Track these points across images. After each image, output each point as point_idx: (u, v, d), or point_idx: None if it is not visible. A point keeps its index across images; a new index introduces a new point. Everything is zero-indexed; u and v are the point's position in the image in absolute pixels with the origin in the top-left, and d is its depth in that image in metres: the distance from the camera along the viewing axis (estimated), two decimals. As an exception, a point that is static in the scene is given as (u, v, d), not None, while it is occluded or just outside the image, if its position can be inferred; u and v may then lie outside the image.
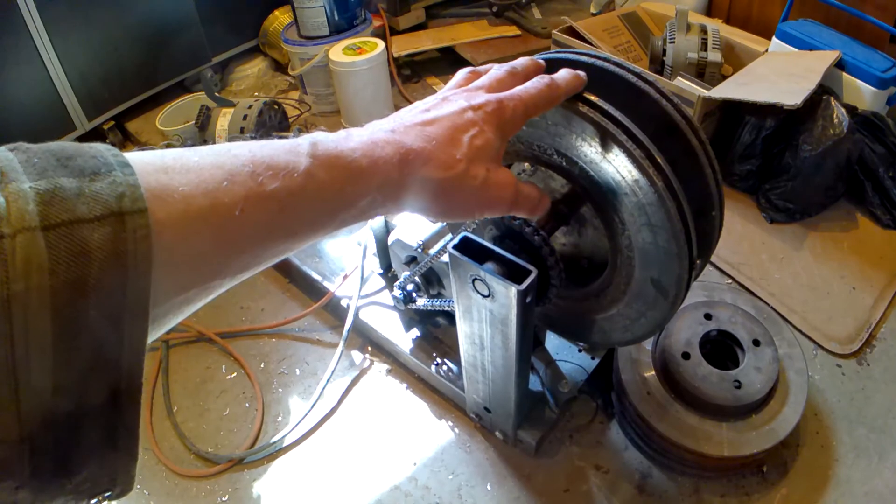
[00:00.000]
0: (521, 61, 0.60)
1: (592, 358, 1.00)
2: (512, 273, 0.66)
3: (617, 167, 0.62)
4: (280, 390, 1.10)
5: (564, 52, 0.71)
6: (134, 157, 0.32)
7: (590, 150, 0.64)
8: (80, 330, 0.27)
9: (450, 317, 1.06)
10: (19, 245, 0.25)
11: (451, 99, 0.52)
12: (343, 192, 0.42)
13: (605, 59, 0.68)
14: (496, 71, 0.57)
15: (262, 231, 0.37)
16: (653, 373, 0.93)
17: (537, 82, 0.55)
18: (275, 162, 0.38)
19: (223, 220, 0.34)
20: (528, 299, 0.66)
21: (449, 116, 0.49)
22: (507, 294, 0.65)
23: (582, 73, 0.60)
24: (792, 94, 1.18)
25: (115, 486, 0.32)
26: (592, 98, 0.61)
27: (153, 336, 0.35)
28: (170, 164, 0.33)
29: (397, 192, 0.46)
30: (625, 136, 0.60)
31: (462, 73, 0.58)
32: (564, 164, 0.68)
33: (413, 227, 0.99)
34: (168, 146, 1.63)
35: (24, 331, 0.26)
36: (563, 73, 0.59)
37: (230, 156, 0.37)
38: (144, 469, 1.00)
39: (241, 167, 0.36)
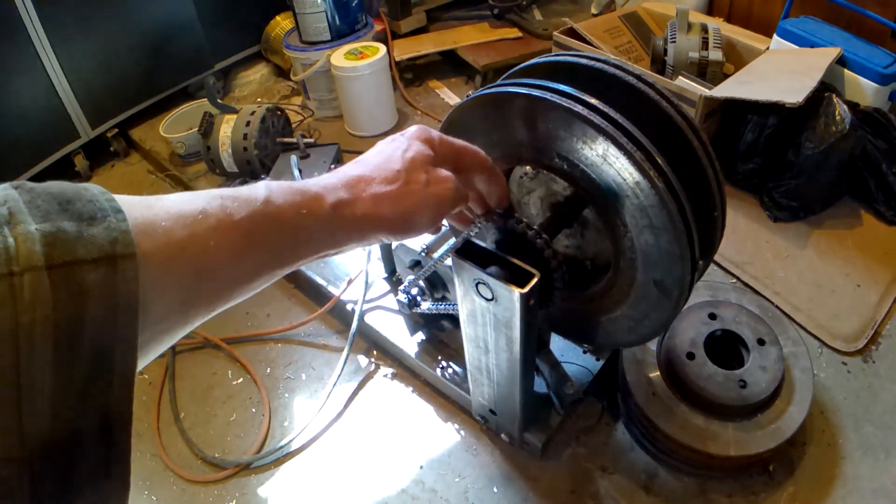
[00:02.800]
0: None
1: (597, 359, 1.00)
2: (515, 276, 0.66)
3: (618, 170, 0.63)
4: (286, 395, 1.10)
5: (564, 54, 0.71)
6: (123, 199, 0.35)
7: (591, 153, 0.64)
8: (76, 358, 0.30)
9: (455, 320, 1.07)
10: (27, 282, 0.28)
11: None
12: (299, 212, 0.46)
13: (604, 62, 0.68)
14: None
15: (232, 258, 0.41)
16: (658, 373, 0.93)
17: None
18: (238, 193, 0.43)
19: (199, 252, 0.38)
20: (531, 302, 0.67)
21: (378, 147, 0.57)
22: (511, 297, 0.66)
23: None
24: (794, 91, 1.18)
25: None
26: (593, 101, 0.62)
27: (152, 356, 0.39)
28: (152, 202, 0.38)
29: (352, 208, 0.50)
30: (625, 138, 0.60)
31: None
32: (566, 167, 0.68)
33: (416, 231, 0.99)
34: (172, 153, 1.63)
35: (29, 359, 0.28)
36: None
37: (202, 194, 0.41)
38: (152, 475, 1.01)
39: (212, 200, 0.41)
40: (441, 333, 1.08)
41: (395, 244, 1.00)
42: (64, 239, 0.30)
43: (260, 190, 0.44)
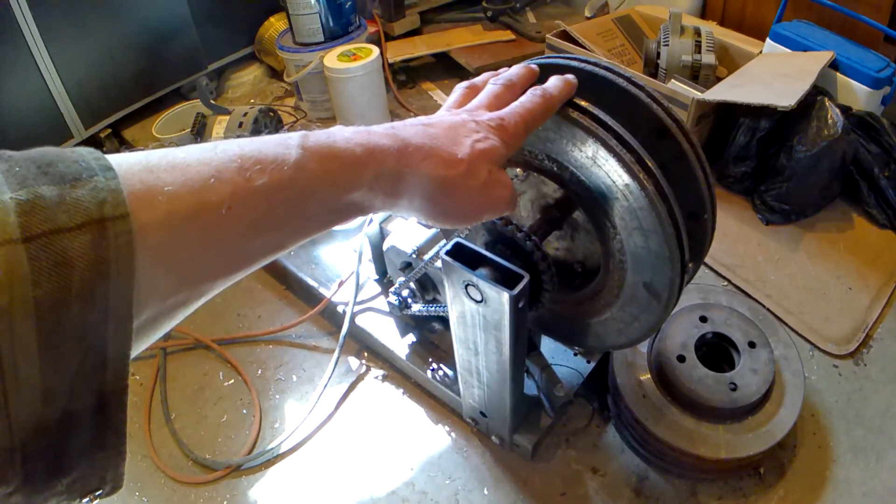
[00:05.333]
0: (516, 71, 0.60)
1: (588, 362, 1.00)
2: (504, 278, 0.66)
3: (607, 172, 0.63)
4: (277, 397, 1.10)
5: (555, 57, 0.71)
6: (118, 158, 0.32)
7: (580, 155, 0.64)
8: (65, 338, 0.27)
9: (445, 322, 1.07)
10: (1, 258, 0.25)
11: (454, 113, 0.53)
12: (335, 184, 0.41)
13: (594, 64, 0.68)
14: (493, 86, 0.57)
15: (251, 228, 0.37)
16: (648, 376, 0.93)
17: (532, 96, 0.56)
18: (263, 155, 0.37)
19: (210, 219, 0.34)
20: (520, 304, 0.67)
21: (452, 122, 0.50)
22: (500, 299, 0.66)
23: (572, 78, 0.61)
24: (786, 95, 1.18)
25: (105, 484, 0.32)
26: (582, 103, 0.62)
27: (149, 341, 0.35)
28: (155, 163, 0.33)
29: (394, 185, 0.44)
30: (615, 140, 0.60)
31: (459, 90, 0.58)
32: (555, 169, 0.68)
33: (408, 233, 0.99)
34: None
35: (10, 343, 0.26)
36: (554, 82, 0.59)
37: (218, 151, 0.36)
38: (143, 476, 1.00)
39: (228, 162, 0.35)
40: (432, 335, 1.08)
41: (386, 246, 1.00)
42: (42, 206, 0.27)
43: (291, 151, 0.38)
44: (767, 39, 1.49)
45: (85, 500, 0.32)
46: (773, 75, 1.33)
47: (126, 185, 0.30)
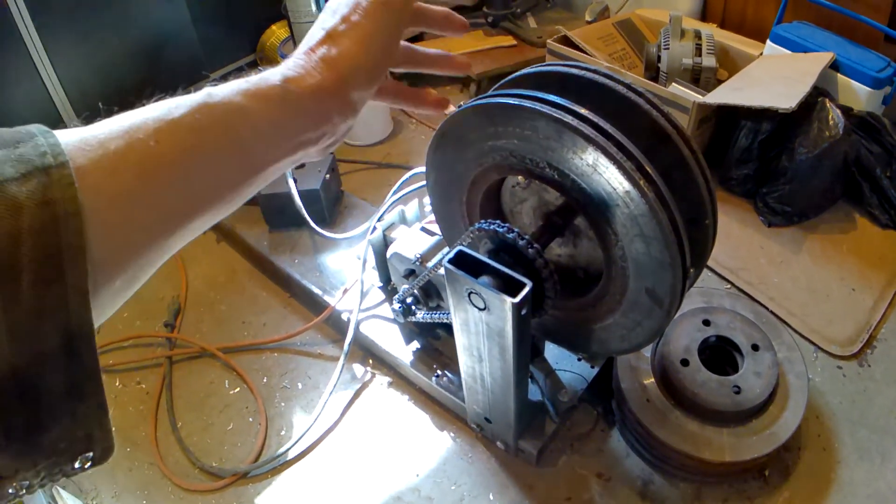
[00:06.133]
0: None
1: (592, 367, 1.00)
2: (507, 286, 0.67)
3: (608, 179, 0.63)
4: (283, 404, 1.10)
5: (555, 64, 0.72)
6: (57, 131, 0.35)
7: (581, 163, 0.64)
8: (21, 272, 0.29)
9: (449, 329, 1.06)
10: None
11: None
12: (247, 96, 0.42)
13: (594, 71, 0.69)
14: None
15: (185, 160, 0.39)
16: (652, 380, 0.93)
17: None
18: (180, 98, 0.40)
19: (141, 155, 0.36)
20: (523, 311, 0.67)
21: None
22: (503, 307, 0.66)
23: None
24: (787, 97, 1.19)
25: (94, 443, 0.33)
26: (583, 111, 0.62)
27: (113, 307, 0.37)
28: (90, 127, 0.36)
29: (301, 80, 0.46)
30: (615, 148, 0.61)
31: None
32: (557, 176, 0.68)
33: (411, 240, 0.99)
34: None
35: None
36: None
37: (148, 106, 0.39)
38: (150, 484, 1.01)
39: (154, 109, 0.39)
40: (436, 342, 1.09)
41: (389, 253, 1.00)
42: None
43: (201, 90, 0.41)
44: (768, 41, 1.49)
45: (77, 465, 0.33)
46: (773, 77, 1.33)
47: (63, 140, 0.33)
